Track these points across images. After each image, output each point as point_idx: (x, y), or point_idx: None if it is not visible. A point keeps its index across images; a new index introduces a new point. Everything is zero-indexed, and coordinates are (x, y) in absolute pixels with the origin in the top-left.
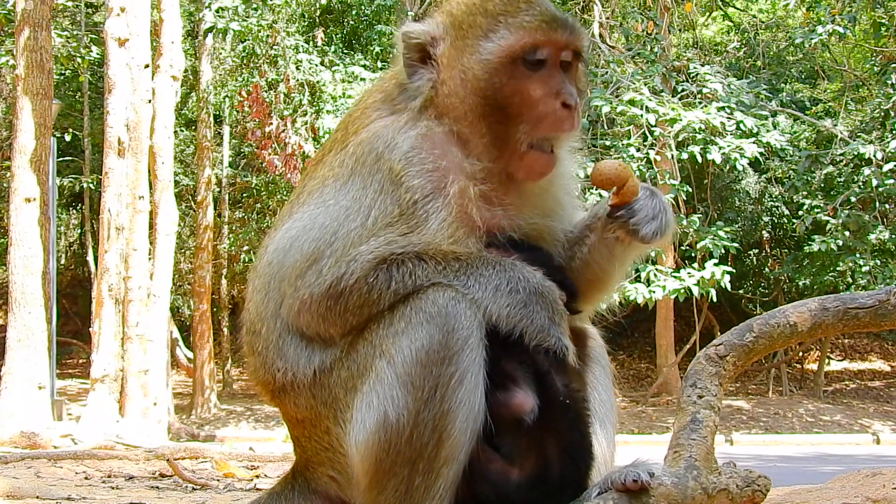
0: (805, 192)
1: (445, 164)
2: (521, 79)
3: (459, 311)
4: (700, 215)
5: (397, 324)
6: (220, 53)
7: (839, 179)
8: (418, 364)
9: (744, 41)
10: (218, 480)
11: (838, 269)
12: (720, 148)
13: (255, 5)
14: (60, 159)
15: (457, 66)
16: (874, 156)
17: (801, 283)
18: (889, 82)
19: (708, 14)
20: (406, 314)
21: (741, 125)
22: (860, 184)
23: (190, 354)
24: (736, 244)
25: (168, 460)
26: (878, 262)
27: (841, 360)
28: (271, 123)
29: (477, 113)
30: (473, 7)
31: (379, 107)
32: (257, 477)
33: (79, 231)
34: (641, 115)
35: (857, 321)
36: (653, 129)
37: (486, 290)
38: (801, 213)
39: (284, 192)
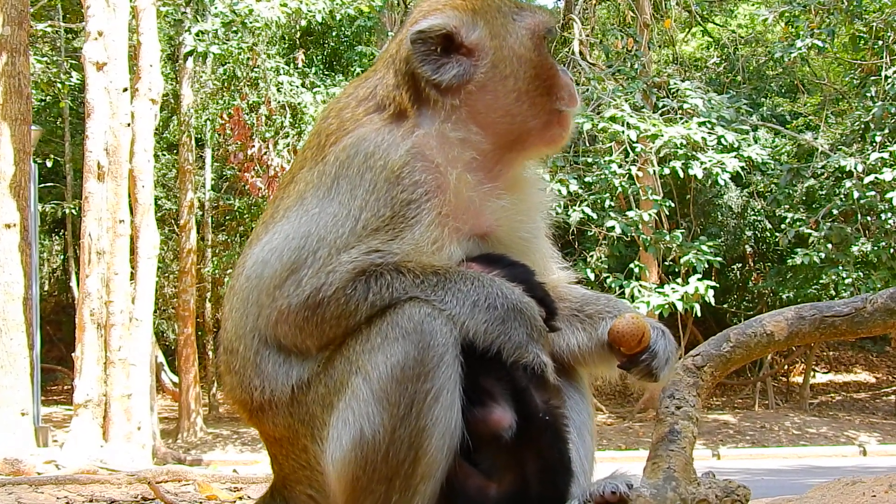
0: (787, 206)
1: (446, 162)
2: (546, 54)
3: (435, 328)
4: (683, 230)
5: (373, 339)
6: (201, 77)
7: (821, 192)
8: (394, 381)
9: (723, 56)
10: (200, 503)
11: (821, 281)
12: (702, 163)
13: (235, 28)
14: (42, 185)
15: (503, 44)
16: (855, 168)
17: (784, 297)
18: (868, 95)
19: (687, 30)
20: (382, 330)
21: (722, 140)
22: (842, 196)
23: (175, 378)
24: (719, 259)
25: (150, 483)
26: (861, 274)
27: (826, 373)
28: (253, 146)
29: (522, 88)
30: None
31: (363, 115)
32: (240, 499)
33: (62, 257)
34: (623, 132)
35: (834, 329)
36: (634, 145)
37: (463, 306)
38: (783, 226)
39: None
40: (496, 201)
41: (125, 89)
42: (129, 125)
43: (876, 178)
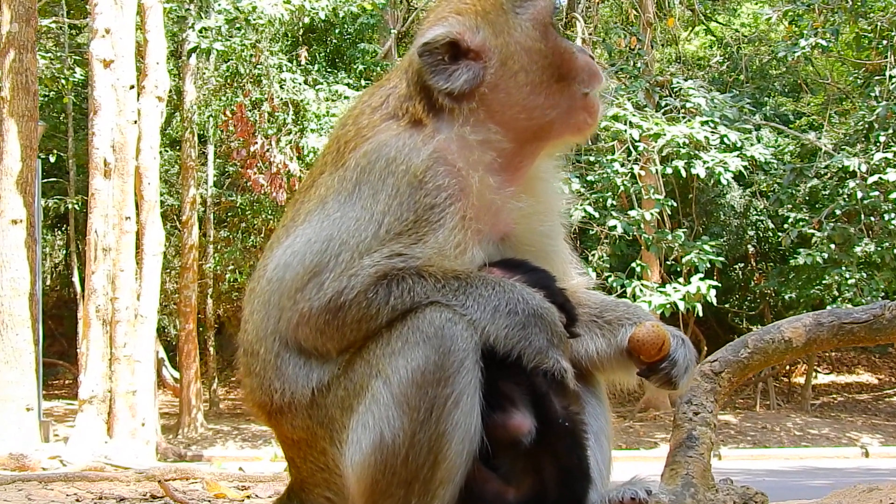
0: (790, 206)
1: (468, 165)
2: (556, 38)
3: (456, 333)
4: (685, 230)
5: (394, 343)
6: (204, 73)
7: (824, 192)
8: (414, 385)
9: (727, 55)
10: (209, 501)
11: (824, 282)
12: (704, 162)
13: (238, 25)
14: (45, 181)
15: (509, 40)
16: (858, 168)
17: (787, 297)
18: (872, 94)
19: (690, 29)
20: (403, 334)
21: (725, 139)
22: (845, 196)
23: (176, 374)
24: (721, 258)
25: (159, 481)
26: (864, 274)
27: (828, 374)
28: (256, 142)
29: (535, 80)
30: None
31: (380, 121)
32: (248, 497)
33: (64, 252)
34: (625, 131)
35: (852, 336)
36: (637, 144)
37: (484, 311)
38: (786, 226)
39: (269, 211)
40: (516, 203)
41: (132, 87)
42: (135, 122)
43: (880, 178)
